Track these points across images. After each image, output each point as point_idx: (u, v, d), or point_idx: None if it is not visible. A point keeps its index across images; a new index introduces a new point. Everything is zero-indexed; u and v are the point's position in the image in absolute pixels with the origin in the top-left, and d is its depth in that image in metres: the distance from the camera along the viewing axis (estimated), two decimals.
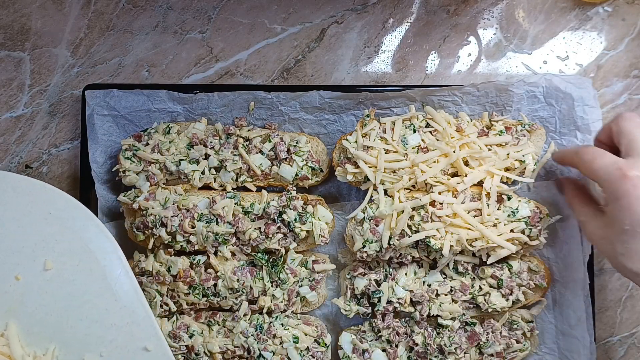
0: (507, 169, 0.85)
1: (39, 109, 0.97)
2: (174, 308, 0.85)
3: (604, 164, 0.72)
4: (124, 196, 0.87)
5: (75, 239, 0.70)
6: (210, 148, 0.88)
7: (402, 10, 0.97)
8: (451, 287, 0.86)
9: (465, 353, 0.85)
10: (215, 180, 0.89)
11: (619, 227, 0.70)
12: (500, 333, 0.86)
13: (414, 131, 0.86)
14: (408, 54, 0.97)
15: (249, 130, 0.89)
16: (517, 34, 0.97)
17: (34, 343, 0.68)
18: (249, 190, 0.89)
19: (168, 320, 0.86)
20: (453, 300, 0.86)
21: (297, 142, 0.88)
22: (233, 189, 0.89)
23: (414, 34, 0.97)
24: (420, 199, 0.81)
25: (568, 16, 0.97)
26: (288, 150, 0.88)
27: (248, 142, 0.88)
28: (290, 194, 0.86)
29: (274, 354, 0.85)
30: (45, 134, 0.96)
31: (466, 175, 0.83)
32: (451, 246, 0.81)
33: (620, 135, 0.74)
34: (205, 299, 0.86)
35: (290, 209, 0.85)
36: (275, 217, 0.85)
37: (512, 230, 0.83)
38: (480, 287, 0.86)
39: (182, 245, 0.86)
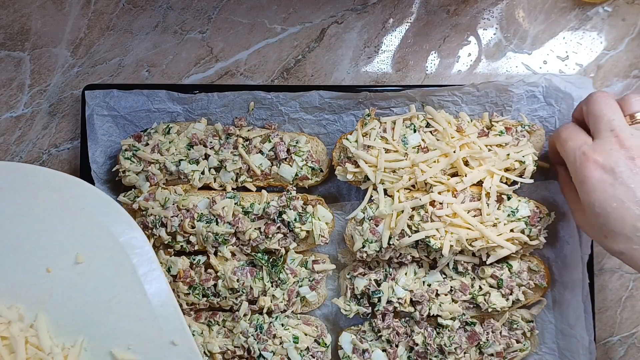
0: (507, 170, 0.85)
1: (39, 109, 0.97)
2: None
3: (573, 146, 0.73)
4: (123, 196, 0.87)
5: (106, 234, 0.71)
6: (210, 148, 0.88)
7: (402, 10, 0.97)
8: (451, 287, 0.86)
9: (465, 353, 0.85)
10: (215, 181, 0.89)
11: (592, 210, 0.70)
12: (500, 333, 0.86)
13: (415, 131, 0.86)
14: (408, 54, 0.97)
15: (248, 130, 0.89)
16: (517, 34, 0.97)
17: (62, 335, 0.68)
18: (249, 190, 0.89)
19: None
20: (453, 300, 0.86)
21: (297, 142, 0.88)
22: (233, 189, 0.89)
23: (414, 34, 0.97)
24: (420, 199, 0.81)
25: (568, 16, 0.97)
26: (288, 150, 0.88)
27: (248, 142, 0.88)
28: (290, 194, 0.86)
29: (274, 354, 0.85)
30: (45, 134, 0.96)
31: (466, 175, 0.83)
32: (451, 246, 0.81)
33: (589, 117, 0.74)
34: (205, 299, 0.86)
35: (290, 209, 0.85)
36: (275, 217, 0.85)
37: (512, 230, 0.83)
38: (480, 287, 0.86)
39: (182, 246, 0.86)
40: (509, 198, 0.84)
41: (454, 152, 0.83)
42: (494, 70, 0.97)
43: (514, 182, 0.85)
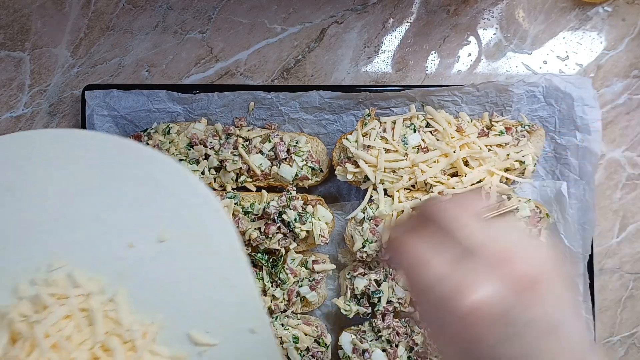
0: (507, 170, 0.85)
1: (39, 109, 0.97)
2: None
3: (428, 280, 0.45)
4: None
5: (192, 215, 0.68)
6: (210, 148, 0.88)
7: (402, 10, 0.97)
8: None
9: None
10: (215, 181, 0.89)
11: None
12: None
13: (415, 131, 0.86)
14: (408, 54, 0.97)
15: (248, 130, 0.89)
16: (517, 34, 0.97)
17: (141, 311, 0.66)
18: (249, 190, 0.89)
19: None
20: None
21: (297, 142, 0.88)
22: (233, 189, 0.89)
23: (414, 34, 0.97)
24: (420, 199, 0.81)
25: (568, 16, 0.97)
26: (288, 151, 0.88)
27: (248, 142, 0.88)
28: (290, 194, 0.86)
29: None
30: None
31: (466, 175, 0.83)
32: None
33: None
34: None
35: (290, 209, 0.85)
36: (275, 217, 0.85)
37: None
38: None
39: None
40: (509, 198, 0.84)
41: (454, 152, 0.83)
42: (494, 70, 0.97)
43: (514, 184, 0.85)
